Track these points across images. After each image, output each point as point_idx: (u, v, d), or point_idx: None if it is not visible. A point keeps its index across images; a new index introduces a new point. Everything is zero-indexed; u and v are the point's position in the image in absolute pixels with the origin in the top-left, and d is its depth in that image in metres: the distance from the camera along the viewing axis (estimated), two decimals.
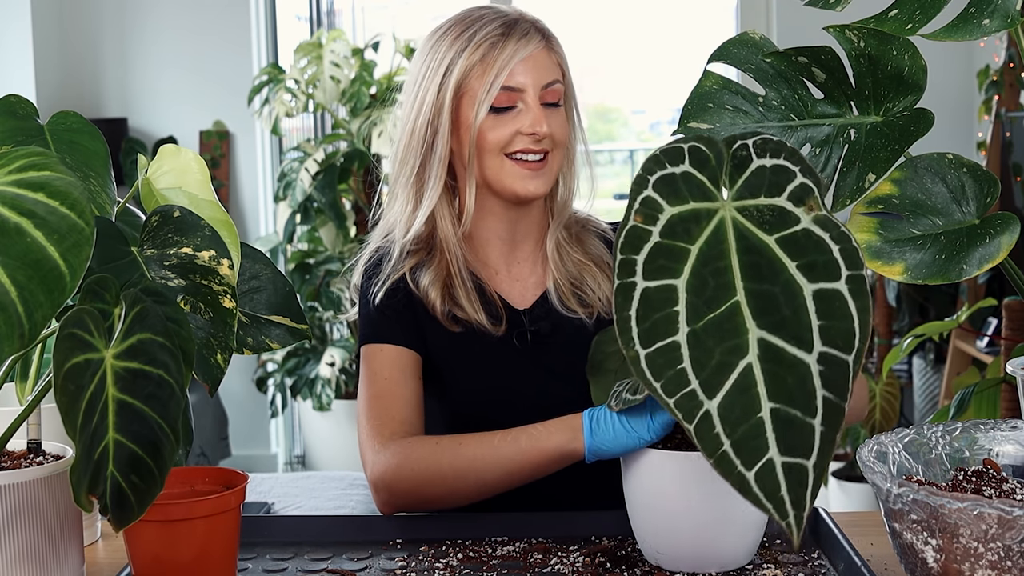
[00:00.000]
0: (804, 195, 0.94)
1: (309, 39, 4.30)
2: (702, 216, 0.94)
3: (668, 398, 0.89)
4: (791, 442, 0.88)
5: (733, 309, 0.92)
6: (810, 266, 0.92)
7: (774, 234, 0.94)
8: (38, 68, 4.31)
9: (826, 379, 0.89)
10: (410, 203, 1.61)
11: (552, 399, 1.50)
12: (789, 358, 0.90)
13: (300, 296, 4.22)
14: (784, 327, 0.91)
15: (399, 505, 1.48)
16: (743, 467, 0.87)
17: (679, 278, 0.92)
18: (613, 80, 6.58)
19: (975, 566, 0.98)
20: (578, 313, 1.61)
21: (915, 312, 4.02)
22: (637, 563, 1.29)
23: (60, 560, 1.16)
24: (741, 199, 0.95)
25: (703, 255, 0.93)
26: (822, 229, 0.93)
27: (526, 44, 1.55)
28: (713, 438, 0.88)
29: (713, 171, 0.95)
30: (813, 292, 0.91)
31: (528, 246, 1.66)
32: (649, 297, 0.91)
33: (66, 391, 0.96)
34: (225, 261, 1.12)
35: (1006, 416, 2.23)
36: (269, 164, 4.70)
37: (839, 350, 0.90)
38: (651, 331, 0.90)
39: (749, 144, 0.96)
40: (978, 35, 1.08)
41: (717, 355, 0.90)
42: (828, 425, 0.88)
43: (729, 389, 0.89)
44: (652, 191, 0.94)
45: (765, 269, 0.93)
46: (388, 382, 1.55)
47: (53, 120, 1.25)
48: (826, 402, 0.89)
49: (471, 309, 1.58)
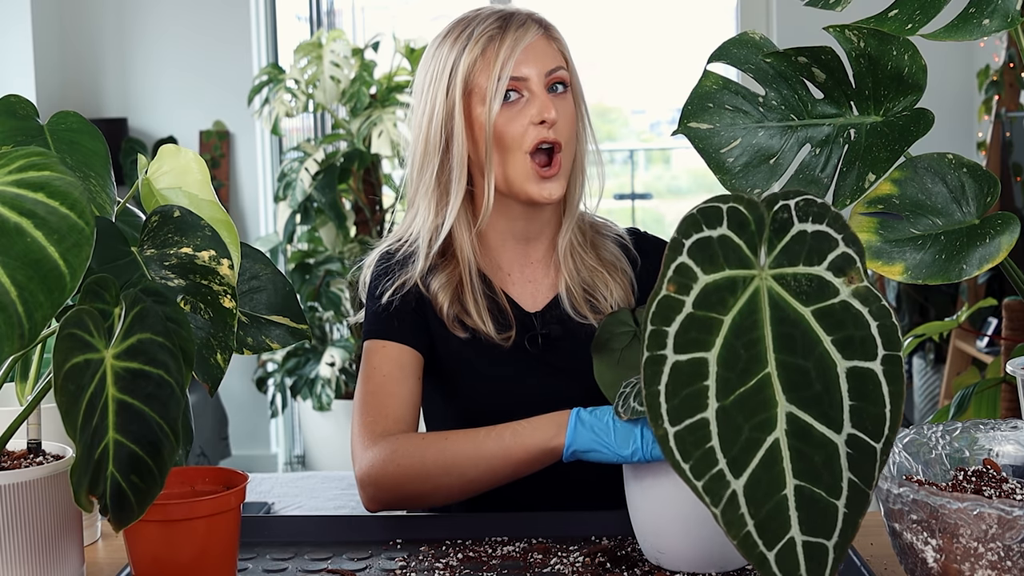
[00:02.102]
0: (845, 265, 0.91)
1: (309, 39, 4.30)
2: (738, 285, 0.91)
3: (697, 480, 0.86)
4: (814, 522, 0.86)
5: (764, 382, 0.89)
6: (846, 342, 0.89)
7: (811, 306, 0.90)
8: (38, 68, 4.31)
9: (853, 462, 0.87)
10: (431, 210, 1.60)
11: (562, 402, 1.50)
12: (818, 436, 0.87)
13: (300, 296, 4.22)
14: (815, 404, 0.88)
15: (384, 501, 1.48)
16: (764, 547, 0.85)
17: (711, 351, 0.89)
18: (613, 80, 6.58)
19: (975, 566, 0.98)
20: (590, 320, 1.60)
21: (915, 312, 4.03)
22: (637, 563, 1.29)
23: (60, 560, 1.16)
24: (779, 267, 0.91)
25: (736, 326, 0.90)
26: (862, 303, 0.90)
27: (524, 33, 1.55)
28: (738, 519, 0.86)
29: (751, 235, 0.91)
30: (847, 370, 0.89)
31: (541, 247, 1.65)
32: (680, 371, 0.88)
33: (66, 391, 0.96)
34: (225, 261, 1.12)
35: (1006, 416, 2.23)
36: (269, 164, 4.69)
37: (868, 435, 0.87)
38: (680, 408, 0.88)
39: (791, 206, 0.92)
40: (978, 35, 1.08)
41: (746, 431, 0.88)
42: (852, 508, 0.86)
43: (756, 467, 0.87)
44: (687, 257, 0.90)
45: (799, 342, 0.89)
46: (386, 379, 1.55)
47: (53, 120, 1.25)
48: (851, 485, 0.86)
49: (479, 319, 1.58)
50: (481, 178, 1.58)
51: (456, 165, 1.57)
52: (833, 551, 0.85)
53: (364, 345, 1.60)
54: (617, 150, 6.93)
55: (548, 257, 1.65)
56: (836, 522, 0.86)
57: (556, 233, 1.65)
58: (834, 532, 0.86)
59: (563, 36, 1.61)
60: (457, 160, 1.56)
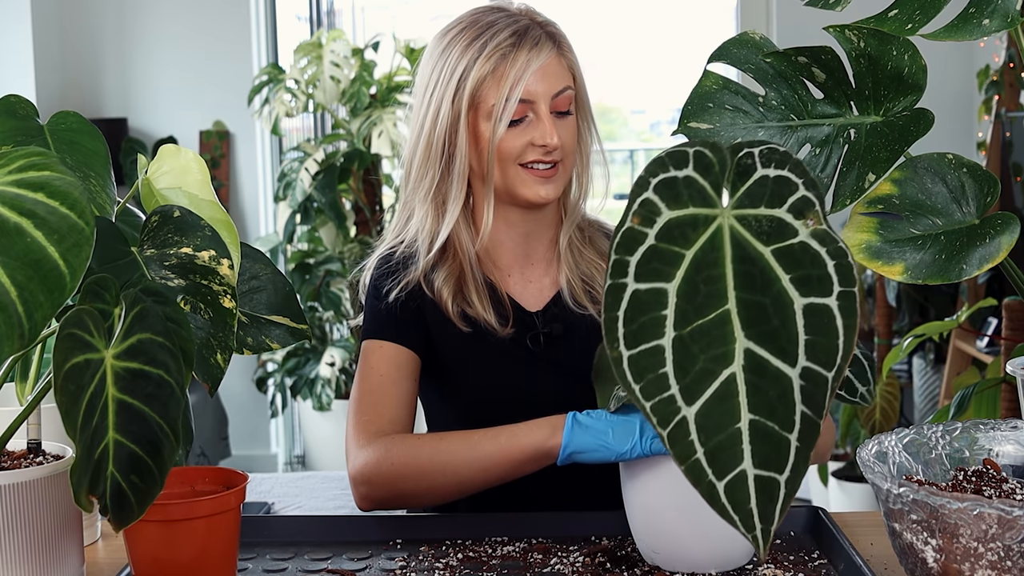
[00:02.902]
0: (805, 208, 0.93)
1: (309, 39, 4.30)
2: (700, 222, 0.94)
3: (645, 401, 0.89)
4: (766, 455, 0.87)
5: (723, 317, 0.91)
6: (804, 280, 0.92)
7: (771, 245, 0.93)
8: (38, 68, 4.31)
9: (806, 394, 0.89)
10: (430, 217, 1.60)
11: (565, 400, 1.50)
12: (773, 371, 0.90)
13: (300, 296, 4.22)
14: (772, 339, 0.90)
15: (377, 500, 1.48)
16: (714, 476, 0.87)
17: (671, 282, 0.92)
18: (613, 80, 6.58)
19: (975, 566, 0.98)
20: (589, 310, 1.61)
21: (915, 312, 4.02)
22: (637, 563, 1.29)
23: (60, 560, 1.16)
24: (741, 207, 0.94)
25: (697, 261, 0.92)
26: (819, 243, 0.92)
27: (538, 54, 1.53)
28: (687, 445, 0.88)
29: (716, 177, 0.95)
30: (804, 306, 0.91)
31: (541, 248, 1.66)
32: (639, 299, 0.91)
33: (66, 391, 0.96)
34: (225, 261, 1.12)
35: (1006, 416, 2.23)
36: (269, 164, 4.70)
37: (821, 366, 0.89)
38: (637, 333, 0.90)
39: (755, 153, 0.95)
40: (978, 35, 1.08)
41: (701, 362, 0.90)
42: (803, 441, 0.88)
43: (709, 397, 0.89)
44: (652, 193, 0.93)
45: (758, 280, 0.92)
46: (383, 379, 1.55)
47: (53, 120, 1.25)
48: (804, 417, 0.88)
49: (481, 308, 1.58)
50: (479, 184, 1.59)
51: (457, 176, 1.57)
52: (784, 485, 0.87)
53: (362, 345, 1.60)
54: (617, 150, 6.93)
55: (548, 257, 1.65)
56: (788, 456, 0.88)
57: (556, 233, 1.66)
58: (786, 466, 0.87)
59: (572, 46, 1.60)
60: (458, 171, 1.56)
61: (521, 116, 1.54)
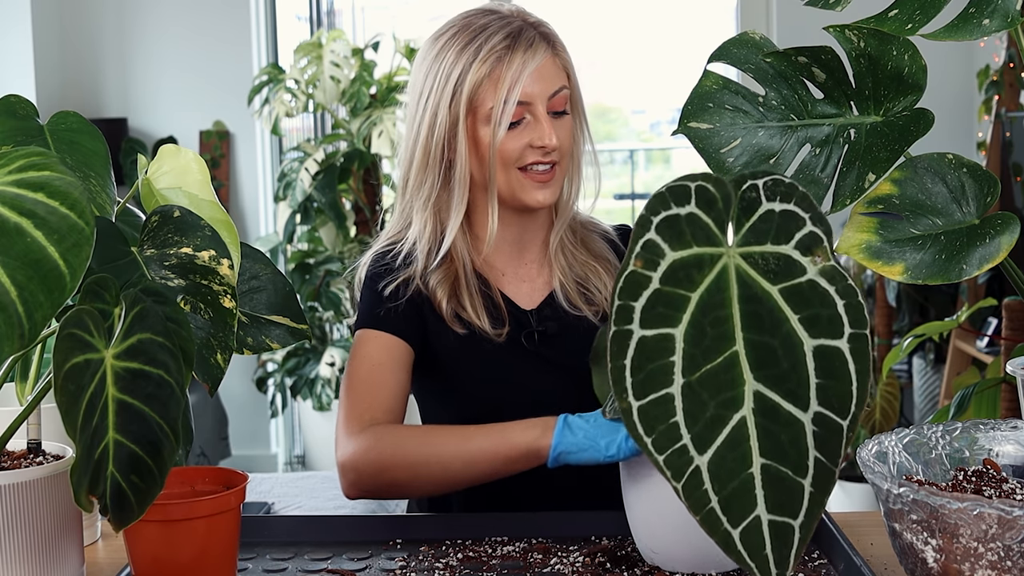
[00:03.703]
0: (812, 244, 0.91)
1: (309, 39, 4.30)
2: (705, 262, 0.91)
3: (658, 454, 0.87)
4: (780, 500, 0.86)
5: (731, 360, 0.89)
6: (813, 320, 0.89)
7: (778, 284, 0.91)
8: (38, 68, 4.31)
9: (820, 440, 0.87)
10: (429, 226, 1.60)
11: (560, 398, 1.50)
12: (785, 415, 0.88)
13: (300, 296, 4.22)
14: (782, 382, 0.89)
15: (365, 488, 1.48)
16: (729, 525, 0.86)
17: (678, 327, 0.89)
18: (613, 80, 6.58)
19: (975, 566, 0.98)
20: (585, 312, 1.61)
21: (915, 312, 4.02)
22: (637, 563, 1.29)
23: (60, 560, 1.16)
24: (747, 245, 0.92)
25: (703, 303, 0.90)
26: (828, 281, 0.90)
27: (533, 55, 1.53)
28: (701, 495, 0.86)
29: (720, 213, 0.92)
30: (814, 348, 0.89)
31: (535, 248, 1.66)
32: (645, 346, 0.89)
33: (66, 391, 0.96)
34: (225, 261, 1.12)
35: (1006, 416, 2.23)
36: (269, 164, 4.69)
37: (835, 413, 0.88)
38: (645, 382, 0.88)
39: (759, 185, 0.92)
40: (978, 35, 1.08)
41: (711, 408, 0.88)
42: (818, 487, 0.87)
43: (721, 444, 0.87)
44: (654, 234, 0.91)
45: (766, 320, 0.90)
46: (377, 367, 1.55)
47: (53, 120, 1.25)
48: (818, 464, 0.87)
49: (475, 314, 1.58)
50: (477, 190, 1.58)
51: (458, 184, 1.56)
52: (799, 531, 0.86)
53: (356, 334, 1.60)
54: (617, 150, 6.93)
55: (542, 257, 1.66)
56: (802, 501, 0.86)
57: (548, 234, 1.66)
58: (800, 511, 0.86)
59: (566, 45, 1.60)
60: (459, 179, 1.56)
61: (519, 118, 1.54)
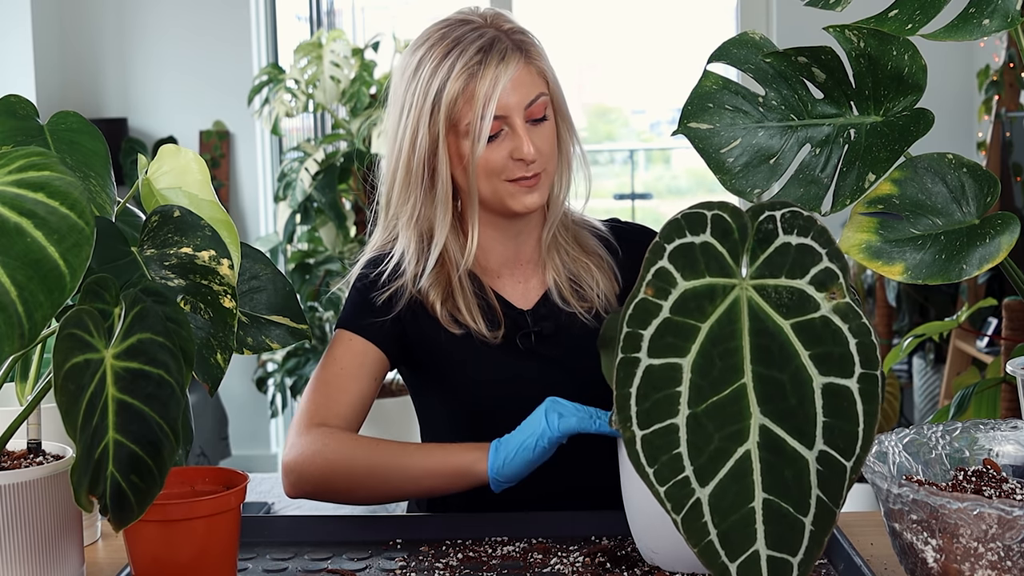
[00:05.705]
0: (828, 280, 0.90)
1: (309, 39, 4.29)
2: (717, 293, 0.90)
3: (660, 486, 0.86)
4: (780, 537, 0.85)
5: (739, 393, 0.88)
6: (824, 358, 0.88)
7: (791, 319, 0.90)
8: (38, 68, 4.31)
9: (823, 479, 0.86)
10: (413, 243, 1.59)
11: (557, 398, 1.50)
12: (789, 451, 0.87)
13: (300, 296, 4.22)
14: (788, 418, 0.88)
15: (306, 492, 1.51)
16: (727, 558, 0.85)
17: (686, 357, 0.88)
18: (613, 80, 6.58)
19: (975, 566, 0.98)
20: (577, 308, 1.61)
21: (915, 312, 4.02)
22: (637, 563, 1.29)
23: (60, 560, 1.16)
24: (761, 277, 0.91)
25: (713, 335, 0.89)
26: (842, 319, 0.89)
27: (505, 69, 1.52)
28: (700, 527, 0.86)
29: (735, 244, 0.91)
30: (823, 386, 0.88)
31: (529, 248, 1.66)
32: (652, 375, 0.88)
33: (66, 391, 0.96)
34: (225, 261, 1.12)
35: (1006, 416, 2.23)
36: (269, 164, 4.69)
37: (840, 453, 0.87)
38: (651, 412, 0.87)
39: (777, 217, 0.91)
40: (978, 35, 1.08)
41: (716, 440, 0.87)
42: (818, 526, 0.86)
43: (723, 477, 0.86)
44: (667, 262, 0.90)
45: (776, 355, 0.89)
46: (343, 373, 1.56)
47: (53, 120, 1.25)
48: (819, 503, 0.86)
49: (470, 317, 1.58)
50: (467, 198, 1.58)
51: (440, 202, 1.56)
52: (798, 568, 0.85)
53: (335, 332, 1.61)
54: (617, 150, 6.93)
55: (536, 257, 1.66)
56: (803, 539, 0.86)
57: (542, 232, 1.66)
58: (800, 548, 0.85)
59: (543, 49, 1.58)
60: (441, 197, 1.56)
61: (496, 131, 1.53)
